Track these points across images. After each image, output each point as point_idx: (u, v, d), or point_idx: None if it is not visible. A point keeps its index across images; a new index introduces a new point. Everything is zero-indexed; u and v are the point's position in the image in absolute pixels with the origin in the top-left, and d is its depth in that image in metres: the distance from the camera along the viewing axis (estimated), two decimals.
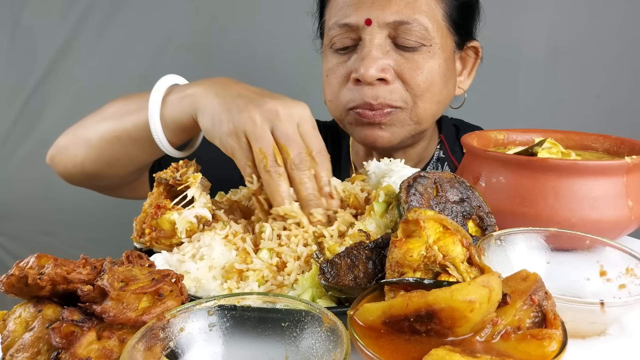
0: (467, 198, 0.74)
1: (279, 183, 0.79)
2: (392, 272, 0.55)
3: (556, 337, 0.47)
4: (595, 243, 0.67)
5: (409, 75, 1.11)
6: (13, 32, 2.25)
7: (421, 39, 1.09)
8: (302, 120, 0.81)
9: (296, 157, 0.79)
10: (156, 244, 0.79)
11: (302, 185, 0.80)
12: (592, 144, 0.98)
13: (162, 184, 0.84)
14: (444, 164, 1.34)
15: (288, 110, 0.80)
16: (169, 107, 0.91)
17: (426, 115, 1.16)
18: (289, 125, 0.79)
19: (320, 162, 0.82)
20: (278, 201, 0.79)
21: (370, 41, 1.09)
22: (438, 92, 1.15)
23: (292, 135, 0.79)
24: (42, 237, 2.43)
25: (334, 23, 1.14)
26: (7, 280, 0.54)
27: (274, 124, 0.79)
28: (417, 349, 0.47)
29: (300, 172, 0.80)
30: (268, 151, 0.78)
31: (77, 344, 0.48)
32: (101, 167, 1.06)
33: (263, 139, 0.78)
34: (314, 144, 0.82)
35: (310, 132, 0.82)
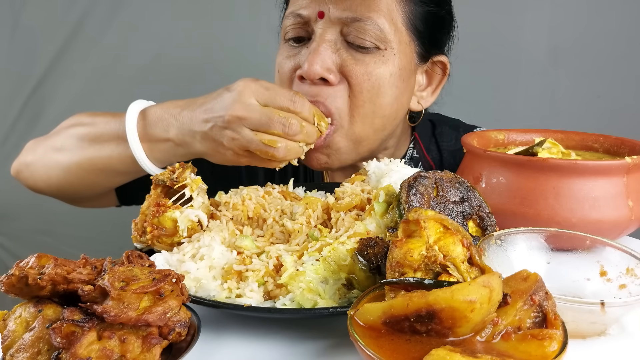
0: (467, 198, 0.74)
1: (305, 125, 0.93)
2: (392, 272, 0.55)
3: (557, 337, 0.47)
4: (595, 243, 0.67)
5: (356, 79, 1.03)
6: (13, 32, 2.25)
7: (375, 39, 1.02)
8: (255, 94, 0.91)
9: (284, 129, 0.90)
10: (157, 243, 0.79)
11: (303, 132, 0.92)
12: (592, 144, 0.98)
13: (160, 185, 0.84)
14: (417, 164, 1.26)
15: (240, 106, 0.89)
16: (158, 154, 0.99)
17: (366, 132, 1.07)
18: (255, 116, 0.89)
19: (298, 107, 0.92)
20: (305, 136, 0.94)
21: (321, 36, 1.03)
22: (385, 104, 1.06)
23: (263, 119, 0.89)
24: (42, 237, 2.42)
25: (290, 12, 1.09)
26: (8, 280, 0.54)
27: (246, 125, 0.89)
28: (417, 349, 0.47)
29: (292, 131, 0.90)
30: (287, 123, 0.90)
31: (78, 344, 0.48)
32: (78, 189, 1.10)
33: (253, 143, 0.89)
34: (281, 100, 0.91)
35: (268, 97, 0.91)
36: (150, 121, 0.97)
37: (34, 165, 1.11)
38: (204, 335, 0.60)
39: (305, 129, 0.91)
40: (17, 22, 2.24)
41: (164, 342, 0.53)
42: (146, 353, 0.51)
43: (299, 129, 0.90)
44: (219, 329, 0.67)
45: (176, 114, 0.96)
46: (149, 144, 0.97)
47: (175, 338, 0.54)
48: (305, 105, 0.92)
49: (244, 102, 0.88)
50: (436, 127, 1.31)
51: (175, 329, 0.53)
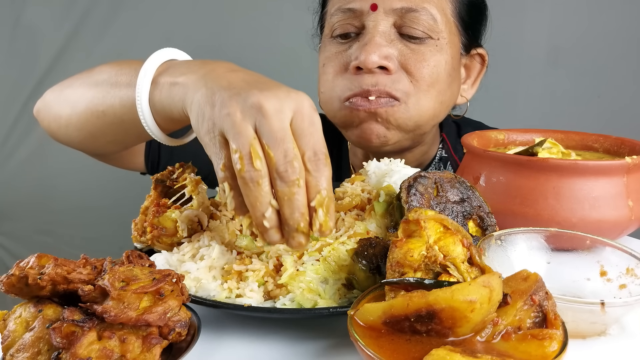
0: (467, 198, 0.74)
1: (256, 193, 0.61)
2: (392, 272, 0.55)
3: (557, 337, 0.47)
4: (595, 243, 0.67)
5: (415, 67, 1.04)
6: (13, 32, 2.26)
7: (429, 30, 1.04)
8: (297, 114, 0.63)
9: (281, 161, 0.60)
10: (158, 243, 0.79)
11: (287, 204, 0.61)
12: (592, 144, 0.98)
13: (160, 185, 0.85)
14: (446, 163, 1.29)
15: (277, 104, 0.62)
16: (158, 93, 0.76)
17: (427, 115, 1.08)
18: (276, 121, 0.61)
19: (313, 168, 0.62)
20: (253, 216, 0.63)
21: (374, 28, 1.03)
22: (442, 90, 1.08)
23: (278, 132, 0.61)
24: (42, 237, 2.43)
25: (337, 9, 1.09)
26: (8, 280, 0.54)
27: (258, 120, 0.62)
28: (417, 349, 0.47)
29: (284, 184, 0.61)
30: (244, 151, 0.61)
31: (78, 344, 0.48)
32: (84, 137, 0.96)
33: (240, 137, 0.61)
34: (307, 143, 0.62)
35: (304, 129, 0.62)
36: (173, 65, 0.79)
37: (50, 103, 1.02)
38: (204, 335, 0.60)
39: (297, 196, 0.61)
40: (17, 22, 2.24)
41: (164, 342, 0.53)
42: (146, 353, 0.51)
43: (294, 180, 0.61)
44: (219, 329, 0.67)
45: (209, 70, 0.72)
46: (156, 85, 0.77)
47: (175, 338, 0.54)
48: (324, 175, 0.63)
49: (284, 103, 0.63)
50: (461, 128, 1.34)
51: (175, 329, 0.53)
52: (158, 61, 0.80)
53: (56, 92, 1.01)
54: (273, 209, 0.63)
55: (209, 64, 0.74)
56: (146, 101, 0.77)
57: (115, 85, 0.85)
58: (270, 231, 0.63)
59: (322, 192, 0.63)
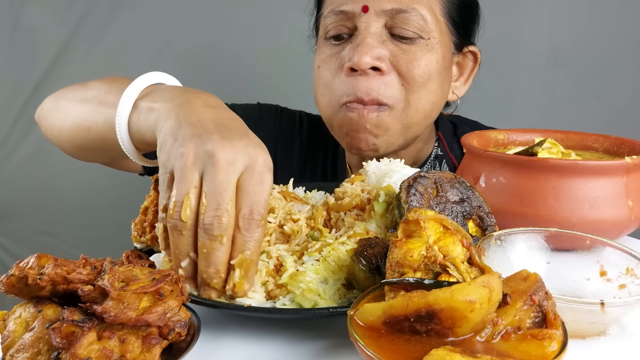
0: (467, 198, 0.74)
1: (177, 241, 0.63)
2: (392, 272, 0.55)
3: (556, 337, 0.47)
4: (595, 243, 0.67)
5: (406, 67, 1.06)
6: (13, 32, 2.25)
7: (419, 30, 1.06)
8: (248, 170, 0.63)
9: (210, 213, 0.61)
10: (157, 243, 0.79)
11: (204, 257, 0.62)
12: (592, 144, 0.98)
13: None
14: (442, 161, 1.30)
15: (230, 155, 0.62)
16: (136, 115, 0.78)
17: (417, 117, 1.10)
18: (222, 173, 0.61)
19: (244, 226, 0.62)
20: (174, 262, 0.65)
21: (366, 29, 1.06)
22: (434, 90, 1.10)
23: (220, 184, 0.61)
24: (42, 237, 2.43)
25: (330, 11, 1.11)
26: (7, 281, 0.54)
27: (206, 169, 0.62)
28: (417, 349, 0.47)
29: (206, 236, 0.61)
30: (179, 198, 0.62)
31: (78, 344, 0.48)
32: (74, 148, 1.01)
33: (182, 183, 0.62)
34: (246, 201, 0.62)
35: (249, 185, 0.62)
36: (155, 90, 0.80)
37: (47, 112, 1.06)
38: (204, 335, 0.60)
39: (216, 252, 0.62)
40: (17, 22, 2.24)
41: (164, 342, 0.53)
42: (146, 353, 0.51)
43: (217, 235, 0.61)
44: (219, 329, 0.67)
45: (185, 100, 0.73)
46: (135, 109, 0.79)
47: (175, 338, 0.54)
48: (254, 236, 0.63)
49: (238, 157, 0.63)
50: (457, 127, 1.35)
51: (175, 329, 0.53)
52: (142, 85, 0.81)
53: (52, 101, 1.05)
54: (191, 260, 0.64)
55: (187, 94, 0.75)
56: (125, 123, 0.79)
57: (101, 104, 0.88)
58: (186, 280, 0.65)
59: (246, 252, 0.63)
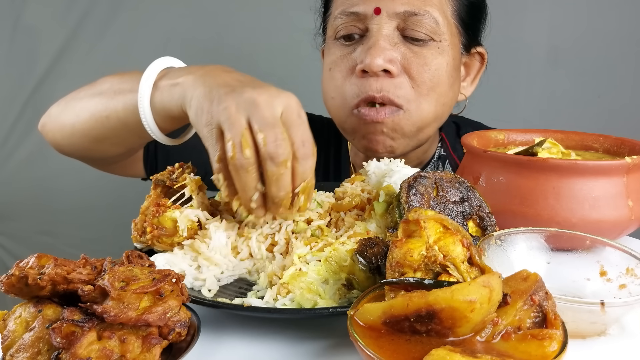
0: (467, 198, 0.74)
1: (245, 179, 0.69)
2: (392, 272, 0.55)
3: (556, 337, 0.47)
4: (595, 243, 0.67)
5: (416, 71, 1.07)
6: (13, 32, 2.25)
7: (431, 32, 1.07)
8: (287, 108, 0.70)
9: (271, 144, 0.67)
10: (157, 243, 0.79)
11: (274, 183, 0.69)
12: (592, 144, 0.98)
13: (159, 185, 0.85)
14: (445, 161, 1.31)
15: (268, 98, 0.70)
16: (159, 94, 0.83)
17: (429, 118, 1.11)
18: (268, 110, 0.69)
19: (301, 155, 0.70)
20: (242, 199, 0.71)
21: (378, 31, 1.06)
22: (444, 92, 1.11)
23: (269, 118, 0.68)
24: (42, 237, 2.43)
25: (341, 12, 1.11)
26: (7, 280, 0.54)
27: (251, 112, 0.69)
28: (417, 349, 0.47)
29: (273, 165, 0.68)
30: (236, 140, 0.68)
31: (78, 344, 0.48)
32: (89, 142, 1.01)
33: (234, 127, 0.68)
34: (295, 133, 0.70)
35: (293, 120, 0.70)
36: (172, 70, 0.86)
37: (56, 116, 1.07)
38: (204, 335, 0.60)
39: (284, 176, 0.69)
40: (17, 22, 2.24)
41: (164, 342, 0.53)
42: (146, 353, 0.51)
43: (283, 161, 0.68)
44: (219, 329, 0.67)
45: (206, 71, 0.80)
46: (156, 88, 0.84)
47: (175, 338, 0.54)
48: (309, 163, 0.71)
49: (274, 98, 0.71)
50: (460, 128, 1.37)
51: (175, 329, 0.53)
52: (159, 68, 0.86)
53: (61, 106, 1.07)
54: (259, 192, 0.70)
55: (205, 67, 0.82)
56: (147, 103, 0.84)
57: (118, 92, 0.92)
58: (257, 210, 0.72)
59: (307, 179, 0.71)
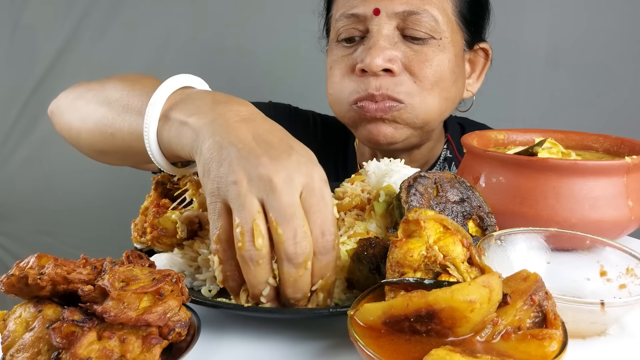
0: (467, 198, 0.74)
1: (255, 272, 0.59)
2: (392, 272, 0.55)
3: (556, 337, 0.47)
4: (595, 243, 0.67)
5: (418, 67, 1.07)
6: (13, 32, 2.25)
7: (431, 31, 1.07)
8: (307, 188, 0.59)
9: (290, 243, 0.57)
10: (157, 244, 0.79)
11: (290, 286, 0.60)
12: (592, 144, 0.98)
13: (160, 187, 0.85)
14: (451, 163, 1.31)
15: (287, 177, 0.58)
16: (167, 129, 0.72)
17: (433, 112, 1.11)
18: (286, 196, 0.57)
19: (320, 250, 0.60)
20: (252, 293, 0.62)
21: (378, 31, 1.07)
22: (447, 88, 1.11)
23: (287, 208, 0.57)
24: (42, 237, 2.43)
25: (341, 14, 1.12)
26: (7, 280, 0.54)
27: (266, 194, 0.58)
28: (417, 349, 0.47)
29: (291, 265, 0.58)
30: (246, 227, 0.57)
31: (78, 344, 0.48)
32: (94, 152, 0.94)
33: (244, 210, 0.58)
34: (315, 221, 0.59)
35: (312, 204, 0.59)
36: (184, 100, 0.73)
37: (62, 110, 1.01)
38: (204, 335, 0.60)
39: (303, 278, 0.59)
40: (17, 22, 2.24)
41: (164, 342, 0.53)
42: (146, 353, 0.51)
43: (303, 262, 0.58)
44: (219, 329, 0.67)
45: (219, 114, 0.67)
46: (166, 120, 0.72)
47: (175, 338, 0.54)
48: (330, 258, 0.61)
49: (295, 177, 0.59)
50: (465, 129, 1.37)
51: (175, 329, 0.53)
52: (168, 92, 0.74)
53: (69, 99, 0.99)
54: (271, 286, 0.61)
55: (219, 107, 0.69)
56: (154, 135, 0.73)
57: (125, 109, 0.81)
58: (267, 304, 0.62)
59: (326, 276, 0.61)
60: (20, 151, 2.35)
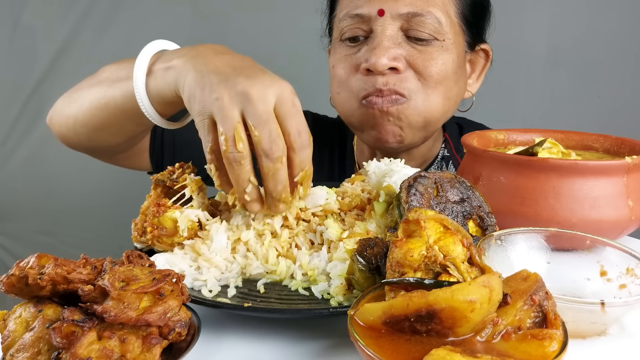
0: (467, 198, 0.74)
1: (238, 172, 0.70)
2: (392, 272, 0.55)
3: (557, 337, 0.47)
4: (595, 243, 0.67)
5: (423, 66, 1.09)
6: (13, 32, 2.26)
7: (434, 32, 1.08)
8: (280, 98, 0.70)
9: (266, 141, 0.68)
10: (158, 243, 0.79)
11: (271, 178, 0.70)
12: (592, 144, 0.98)
13: (160, 185, 0.85)
14: (448, 162, 1.33)
15: (261, 90, 0.69)
16: (153, 79, 0.84)
17: (436, 111, 1.12)
18: (261, 105, 0.69)
19: (298, 146, 0.71)
20: (236, 192, 0.73)
21: (382, 32, 1.08)
22: (450, 87, 1.12)
23: (262, 114, 0.68)
24: (42, 237, 2.43)
25: (345, 14, 1.13)
26: (8, 280, 0.54)
27: (244, 106, 0.69)
28: (417, 349, 0.47)
29: (269, 160, 0.69)
30: (229, 133, 0.69)
31: (78, 344, 0.48)
32: (91, 131, 1.02)
33: (226, 120, 0.69)
34: (291, 124, 0.70)
35: (287, 111, 0.70)
36: (165, 53, 0.86)
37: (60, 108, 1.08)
38: (204, 335, 0.60)
39: (280, 171, 0.70)
40: (17, 22, 2.24)
41: (164, 342, 0.53)
42: (146, 353, 0.51)
43: (279, 156, 0.69)
44: (219, 329, 0.67)
45: (197, 53, 0.81)
46: (151, 73, 0.85)
47: (175, 338, 0.54)
48: (307, 152, 0.73)
49: (268, 90, 0.70)
50: (463, 129, 1.38)
51: (175, 329, 0.53)
52: (151, 52, 0.87)
53: (65, 98, 1.08)
54: (252, 185, 0.71)
55: (197, 47, 0.83)
56: (143, 89, 0.85)
57: (115, 81, 0.93)
58: (251, 203, 0.73)
59: (305, 168, 0.72)
60: (20, 151, 2.35)
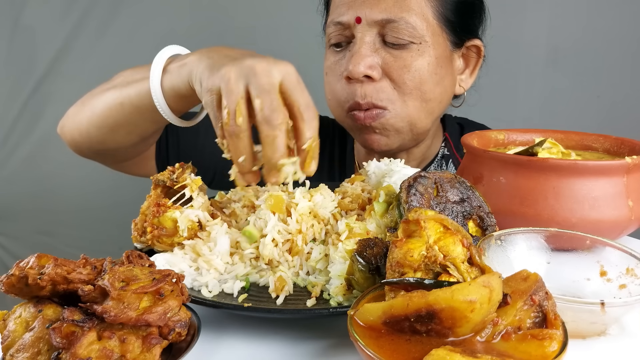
0: (467, 198, 0.74)
1: (236, 144, 0.72)
2: (392, 272, 0.55)
3: (557, 337, 0.47)
4: (595, 243, 0.67)
5: (396, 74, 1.13)
6: (13, 32, 2.26)
7: (409, 36, 1.12)
8: (286, 76, 0.72)
9: (267, 109, 0.69)
10: (158, 243, 0.79)
11: (269, 145, 0.70)
12: (592, 144, 0.98)
13: (160, 185, 0.85)
14: (448, 161, 1.34)
15: (266, 66, 0.72)
16: (168, 76, 0.88)
17: (416, 115, 1.17)
18: (265, 77, 0.70)
19: (307, 117, 0.72)
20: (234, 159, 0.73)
21: (361, 39, 1.13)
22: (429, 89, 1.16)
23: (265, 86, 0.70)
24: (42, 237, 2.43)
25: (331, 21, 1.19)
26: (8, 280, 0.54)
27: (249, 80, 0.71)
28: (417, 349, 0.47)
29: (269, 128, 0.69)
30: (231, 107, 0.71)
31: (78, 344, 0.48)
32: (105, 133, 1.05)
33: (231, 95, 0.71)
34: (299, 98, 0.72)
35: (294, 86, 0.72)
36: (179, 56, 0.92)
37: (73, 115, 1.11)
38: (204, 335, 0.60)
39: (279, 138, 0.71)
40: (17, 22, 2.24)
41: (164, 342, 0.53)
42: (146, 353, 0.51)
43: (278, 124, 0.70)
44: (219, 329, 0.67)
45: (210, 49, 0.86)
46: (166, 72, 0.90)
47: (175, 338, 0.54)
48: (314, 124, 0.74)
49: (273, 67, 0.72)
50: (464, 129, 1.40)
51: (175, 329, 0.53)
52: (167, 54, 0.92)
53: (78, 106, 1.11)
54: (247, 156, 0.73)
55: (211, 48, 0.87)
56: (158, 85, 0.89)
57: (131, 83, 0.97)
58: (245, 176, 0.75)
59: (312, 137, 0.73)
60: (20, 151, 2.35)
